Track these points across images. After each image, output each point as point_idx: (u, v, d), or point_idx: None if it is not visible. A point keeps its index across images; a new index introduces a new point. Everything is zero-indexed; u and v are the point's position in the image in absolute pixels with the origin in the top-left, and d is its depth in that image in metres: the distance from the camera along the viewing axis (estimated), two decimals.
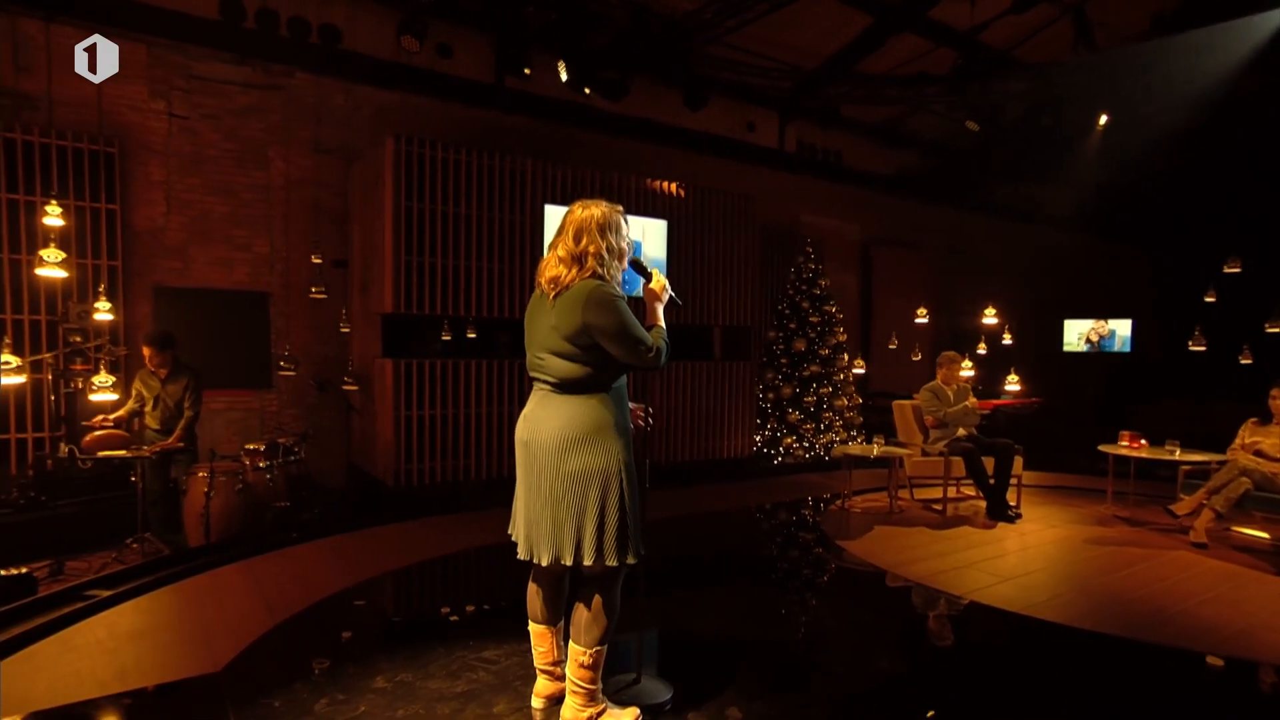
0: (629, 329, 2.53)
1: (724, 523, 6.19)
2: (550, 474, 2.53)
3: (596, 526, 2.52)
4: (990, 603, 4.11)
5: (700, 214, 7.97)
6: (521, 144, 7.64)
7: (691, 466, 7.87)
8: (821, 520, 6.12)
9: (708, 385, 8.08)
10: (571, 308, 2.52)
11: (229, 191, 6.75)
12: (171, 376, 5.24)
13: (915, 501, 6.72)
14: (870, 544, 5.34)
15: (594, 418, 2.53)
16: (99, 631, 3.46)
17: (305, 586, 4.13)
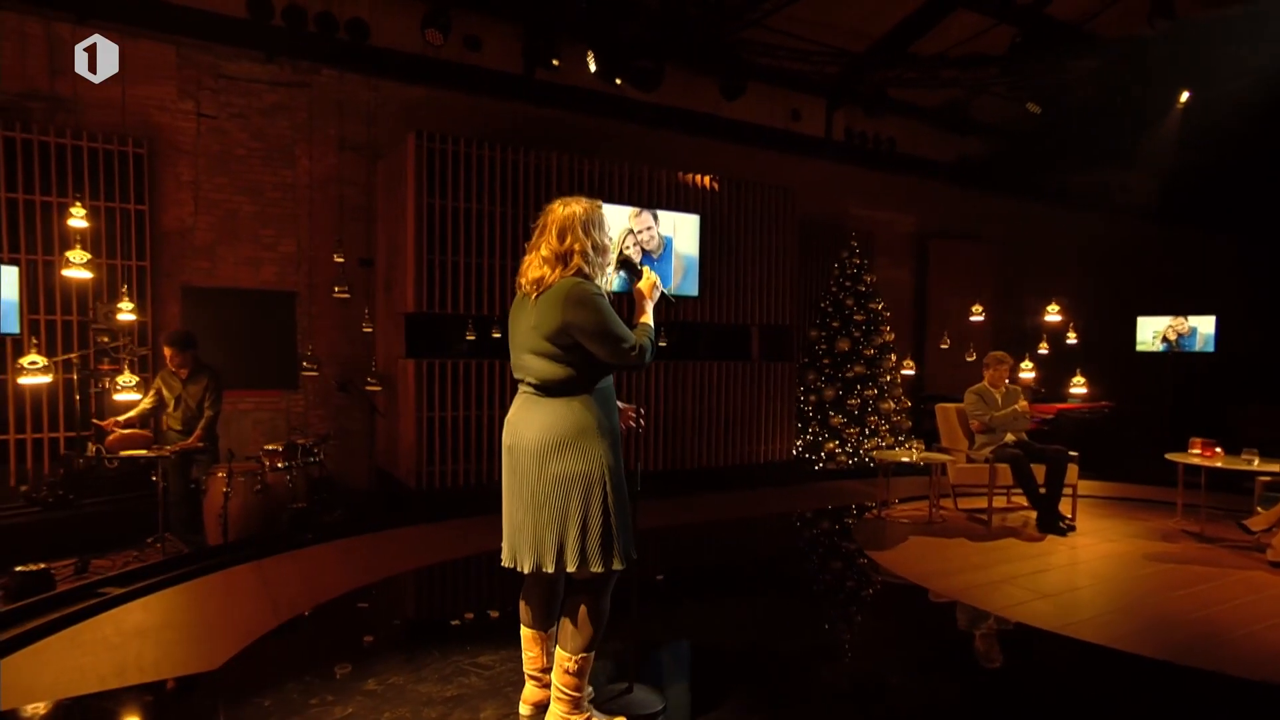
0: (610, 327, 2.55)
1: (749, 530, 6.20)
2: (533, 479, 2.57)
3: (579, 532, 2.55)
4: (1021, 619, 4.02)
5: (735, 208, 7.96)
6: (551, 138, 7.75)
7: (726, 471, 7.87)
8: (854, 529, 6.07)
9: (745, 387, 8.07)
10: (552, 306, 2.56)
11: (256, 191, 7.02)
12: (192, 377, 5.49)
13: (959, 511, 6.60)
14: (902, 555, 5.27)
15: (576, 421, 2.56)
16: (107, 628, 3.66)
17: (313, 588, 4.29)
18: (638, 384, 7.39)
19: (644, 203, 7.33)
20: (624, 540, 2.63)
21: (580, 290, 2.56)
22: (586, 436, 2.56)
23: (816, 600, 4.44)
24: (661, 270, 7.32)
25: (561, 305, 2.53)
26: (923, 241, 11.50)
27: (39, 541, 5.00)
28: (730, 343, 8.26)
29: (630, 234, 7.15)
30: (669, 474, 7.54)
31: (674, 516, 6.47)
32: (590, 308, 2.54)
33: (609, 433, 2.62)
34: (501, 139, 6.96)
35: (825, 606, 4.32)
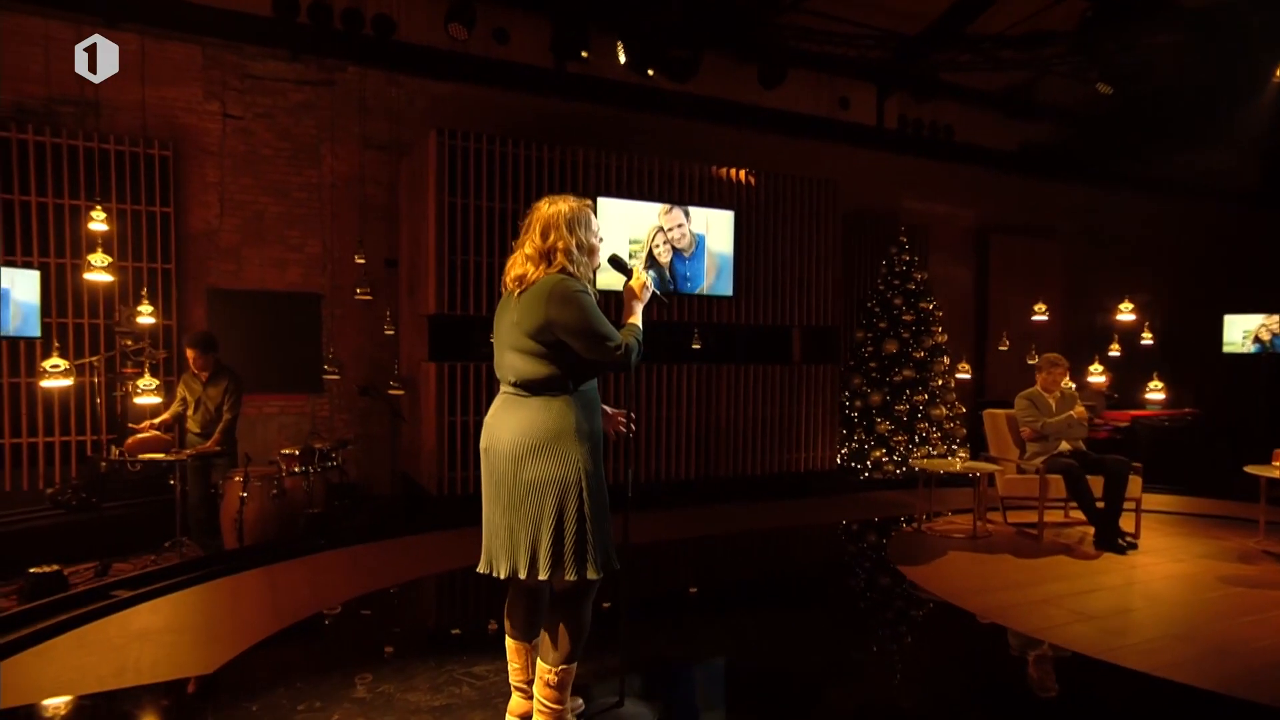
0: (594, 325, 2.60)
1: (777, 541, 6.20)
2: (508, 482, 2.63)
3: (553, 539, 2.59)
4: (1057, 641, 3.94)
5: (774, 202, 7.94)
6: (581, 132, 7.85)
7: (763, 480, 7.86)
8: (889, 542, 6.02)
9: (784, 391, 8.04)
10: (534, 303, 2.62)
11: (282, 191, 7.28)
12: (212, 379, 5.73)
13: (1008, 526, 6.46)
14: (937, 570, 5.20)
15: (554, 423, 2.61)
16: (114, 630, 3.86)
17: (319, 594, 4.44)
18: (670, 387, 7.43)
19: (675, 199, 7.37)
20: (601, 549, 2.66)
21: (564, 287, 2.61)
22: (563, 440, 2.60)
23: (835, 617, 4.41)
24: (694, 269, 7.36)
25: (545, 302, 2.59)
26: (983, 236, 11.27)
27: (62, 544, 5.28)
28: (769, 345, 8.24)
29: (660, 232, 7.20)
30: (701, 482, 7.56)
31: (701, 526, 6.50)
32: (574, 305, 2.59)
33: (588, 437, 2.66)
34: (529, 135, 7.08)
35: (843, 623, 4.29)
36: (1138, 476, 6.00)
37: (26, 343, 5.89)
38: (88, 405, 6.21)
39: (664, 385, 7.44)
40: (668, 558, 5.86)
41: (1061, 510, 6.73)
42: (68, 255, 6.32)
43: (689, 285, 7.36)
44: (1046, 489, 6.02)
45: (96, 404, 5.83)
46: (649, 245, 7.15)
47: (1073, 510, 6.78)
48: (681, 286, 7.32)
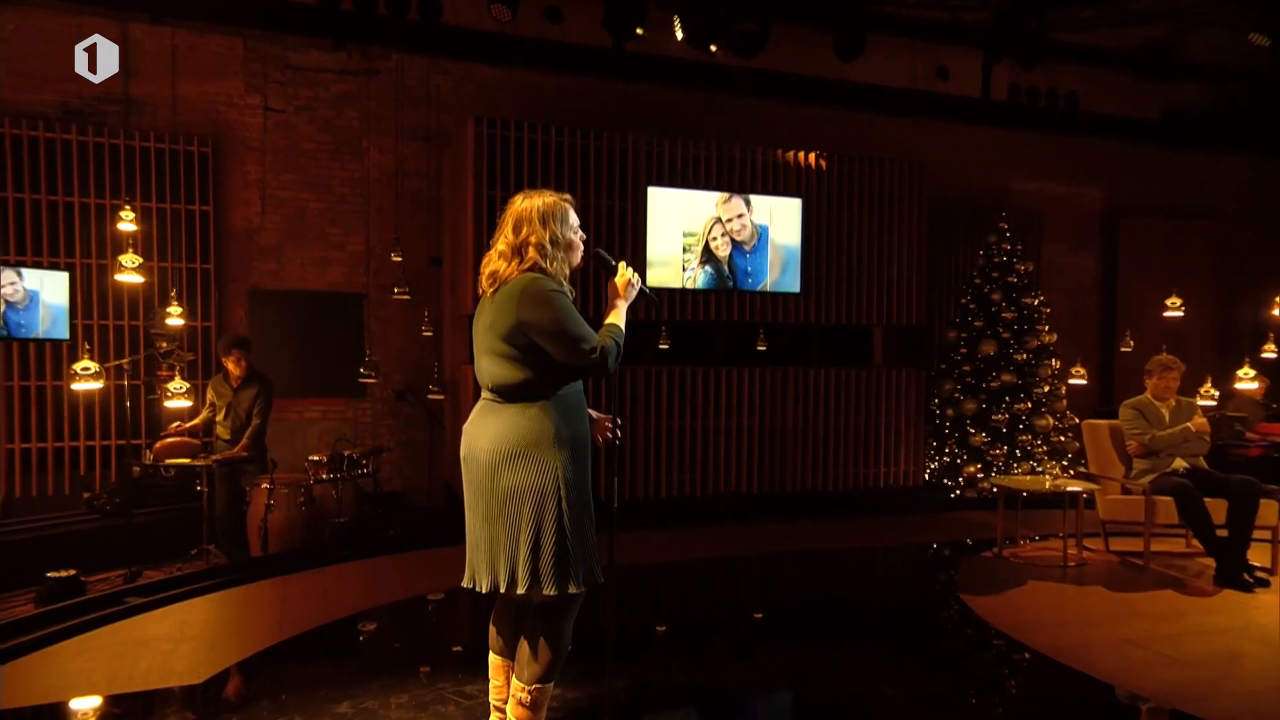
0: (566, 325, 2.69)
1: (836, 564, 6.20)
2: (486, 492, 2.74)
3: (531, 550, 2.69)
4: (1131, 688, 3.79)
5: (849, 188, 7.85)
6: (634, 117, 7.94)
7: (835, 496, 7.78)
8: (961, 568, 5.90)
9: (862, 397, 7.93)
10: (506, 304, 2.72)
11: (324, 187, 7.67)
12: (244, 384, 6.10)
13: (1109, 555, 6.19)
14: (1008, 602, 5.07)
15: (531, 430, 2.70)
16: (118, 636, 4.20)
17: (328, 605, 4.70)
18: (731, 392, 7.45)
19: (735, 187, 7.38)
20: (582, 562, 2.75)
21: (535, 285, 2.71)
22: (541, 447, 2.69)
23: (875, 650, 4.35)
24: (755, 263, 7.35)
25: (516, 302, 2.69)
26: (1112, 218, 10.77)
27: (94, 549, 5.72)
28: (845, 346, 8.14)
29: (718, 223, 7.23)
30: (767, 497, 7.55)
31: (757, 545, 6.52)
32: (546, 304, 2.68)
33: (569, 444, 2.74)
34: (578, 121, 7.23)
35: (881, 657, 4.24)
36: (1273, 501, 5.65)
37: (56, 345, 6.41)
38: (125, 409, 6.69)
39: (725, 390, 7.46)
40: (706, 577, 5.92)
41: (1182, 539, 6.40)
42: (109, 255, 6.82)
43: (750, 282, 7.36)
44: (1154, 512, 5.75)
45: (125, 408, 6.27)
46: (705, 238, 7.19)
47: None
48: (741, 283, 7.33)
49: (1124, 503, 5.99)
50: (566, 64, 7.92)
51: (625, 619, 4.99)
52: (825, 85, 8.61)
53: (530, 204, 2.87)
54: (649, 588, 5.65)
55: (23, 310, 5.12)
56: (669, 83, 8.19)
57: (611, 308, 3.00)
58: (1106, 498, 6.09)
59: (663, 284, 7.12)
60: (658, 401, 7.26)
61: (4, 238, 6.59)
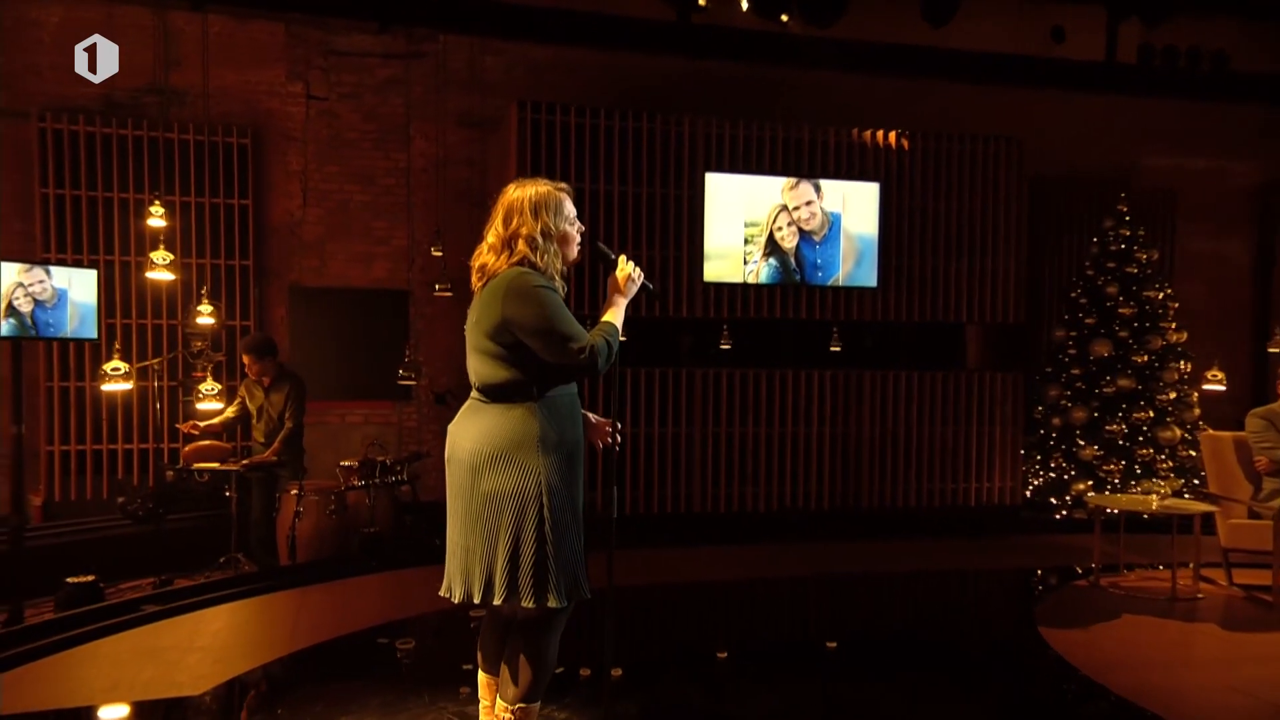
0: (553, 323, 2.74)
1: (901, 589, 6.13)
2: (466, 495, 2.82)
3: (509, 559, 2.75)
4: None
5: (934, 170, 7.71)
6: (696, 96, 7.94)
7: (917, 514, 7.65)
8: (1048, 597, 5.75)
9: (951, 404, 7.77)
10: (492, 299, 2.80)
11: (368, 178, 7.93)
12: (274, 385, 6.35)
13: (1232, 587, 5.87)
14: (1092, 637, 4.91)
15: (515, 431, 2.77)
16: (126, 644, 4.44)
17: (344, 618, 4.88)
18: (799, 397, 7.39)
19: (803, 171, 7.33)
20: (564, 574, 2.79)
21: (521, 281, 2.78)
22: (524, 450, 2.76)
23: (920, 682, 4.27)
24: (826, 255, 7.27)
25: (501, 298, 2.77)
26: (1268, 197, 10.20)
27: (123, 557, 6.05)
28: (930, 346, 8.00)
29: (784, 211, 7.18)
30: (836, 514, 7.48)
31: (822, 564, 6.46)
32: (531, 301, 2.75)
33: (555, 448, 2.80)
34: (635, 103, 7.31)
35: (924, 690, 4.15)
36: None
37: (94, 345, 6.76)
38: (159, 410, 7.05)
39: (792, 395, 7.41)
40: (756, 599, 5.92)
41: None
42: (134, 252, 7.18)
43: (819, 275, 7.29)
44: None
45: (155, 410, 6.62)
46: (769, 228, 7.15)
47: None
48: (810, 277, 7.27)
49: (1250, 528, 5.71)
50: (625, 40, 7.98)
51: (657, 640, 5.03)
52: (912, 54, 8.42)
53: (522, 193, 2.94)
54: (693, 607, 5.67)
55: (51, 309, 5.43)
56: (734, 58, 8.16)
57: (609, 304, 3.05)
58: (1229, 521, 5.81)
59: (722, 279, 7.12)
60: (717, 406, 7.25)
61: (47, 235, 7.02)
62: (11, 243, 7.19)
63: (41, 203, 7.01)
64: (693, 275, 7.13)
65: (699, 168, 7.14)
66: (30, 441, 6.99)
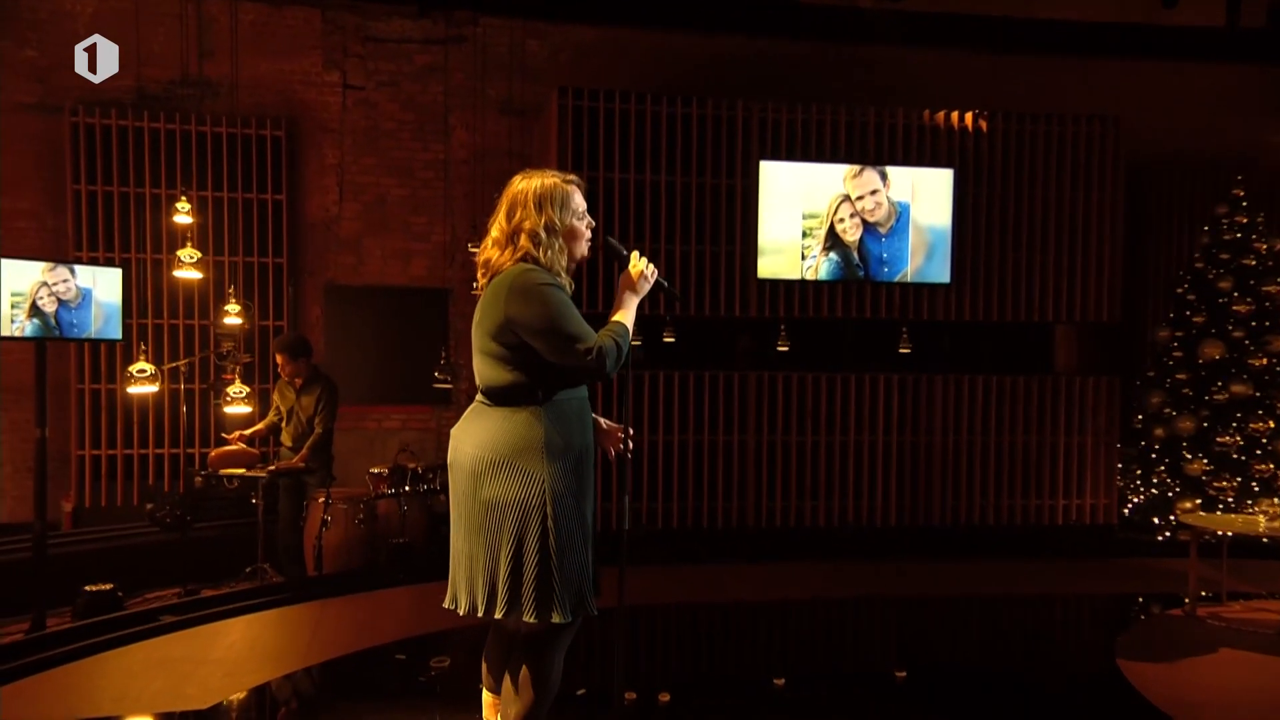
0: (559, 322, 2.81)
1: (964, 613, 6.12)
2: (468, 502, 2.90)
3: (511, 570, 2.81)
4: None
5: (1015, 153, 7.59)
6: (751, 79, 7.99)
7: (995, 534, 7.54)
8: (1134, 628, 5.64)
9: (1035, 412, 7.64)
10: (494, 298, 2.88)
11: (406, 171, 8.15)
12: (305, 388, 6.57)
13: None
14: (1177, 673, 4.82)
15: (519, 437, 2.84)
16: (140, 655, 4.67)
17: (364, 632, 5.06)
18: (862, 402, 7.35)
19: (868, 158, 7.29)
20: (571, 587, 2.85)
21: (526, 278, 2.85)
22: (528, 456, 2.83)
23: None
24: (893, 249, 7.23)
25: (504, 296, 2.84)
26: None
27: (152, 564, 6.33)
28: (1014, 348, 7.88)
29: (846, 201, 7.15)
30: (903, 531, 7.44)
31: (878, 586, 6.46)
32: (535, 299, 2.82)
33: (562, 454, 2.87)
34: (686, 87, 7.36)
35: None
36: None
37: (122, 346, 7.09)
38: (189, 414, 7.36)
39: (855, 400, 7.37)
40: (805, 622, 5.94)
41: None
42: (166, 250, 7.48)
43: (886, 271, 7.24)
44: None
45: (182, 414, 6.90)
46: (829, 220, 7.13)
47: None
48: (875, 273, 7.23)
49: None
50: (678, 18, 8.08)
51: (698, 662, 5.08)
52: (995, 25, 8.36)
53: (527, 185, 3.02)
54: (742, 628, 5.72)
55: (76, 309, 5.72)
56: (796, 35, 8.21)
57: (619, 304, 3.10)
58: None
59: (778, 275, 7.12)
60: (773, 413, 7.26)
61: (79, 232, 7.39)
62: (45, 240, 7.61)
63: (74, 199, 7.38)
64: (746, 272, 7.16)
65: (753, 155, 7.15)
66: (61, 446, 7.40)
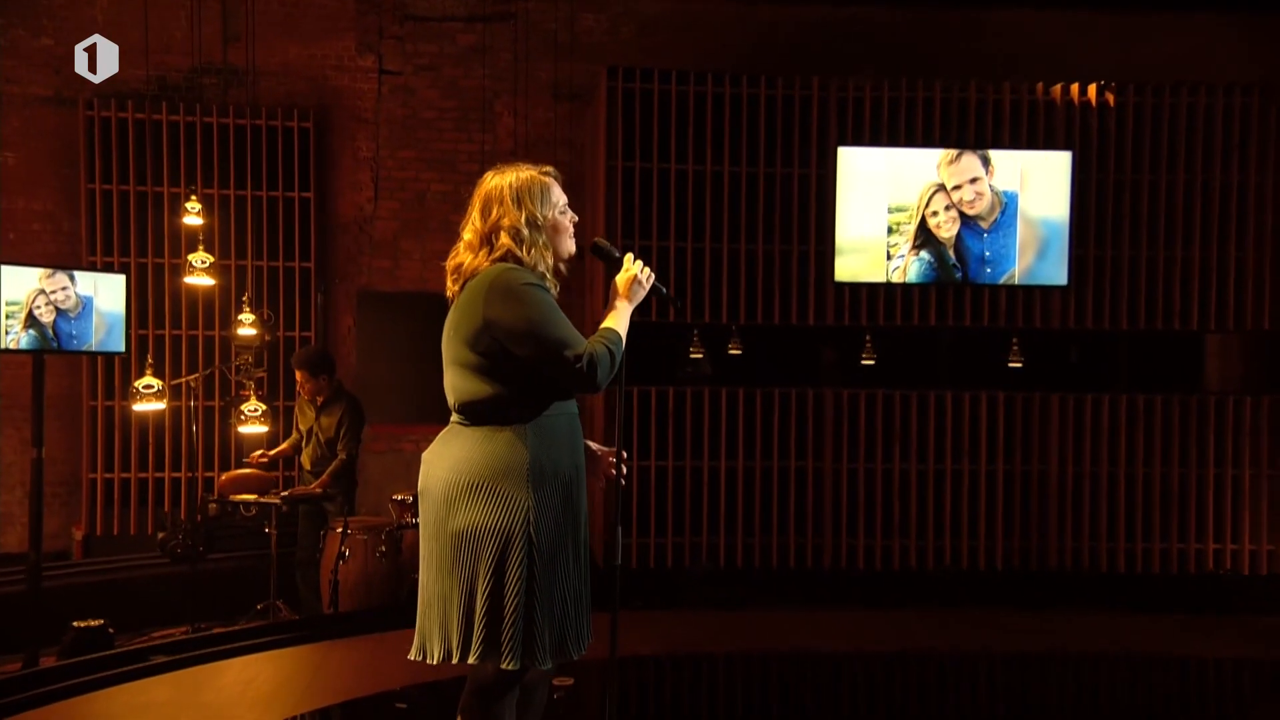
0: (544, 327, 2.89)
1: (1070, 674, 6.04)
2: (440, 533, 2.97)
3: (489, 609, 2.86)
4: None
5: (1149, 132, 7.43)
6: (831, 52, 8.01)
7: (1126, 581, 7.38)
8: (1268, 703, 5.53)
9: (1177, 438, 7.43)
10: (471, 301, 2.97)
11: (448, 164, 8.39)
12: (326, 407, 6.82)
13: None
14: None
15: (500, 459, 2.91)
16: (123, 699, 4.89)
17: (366, 677, 5.23)
18: (964, 425, 7.27)
19: (967, 141, 7.24)
20: (534, 629, 2.89)
21: (505, 278, 2.95)
22: (509, 480, 2.90)
23: None
24: (997, 245, 7.15)
25: (483, 298, 2.93)
26: None
27: (159, 598, 6.66)
28: (1151, 362, 7.70)
29: (940, 192, 7.10)
30: (1014, 576, 7.33)
31: (976, 639, 6.37)
32: (517, 299, 2.90)
33: (549, 479, 2.94)
34: (755, 64, 7.46)
35: None
36: None
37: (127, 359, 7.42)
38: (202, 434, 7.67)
39: (952, 422, 7.29)
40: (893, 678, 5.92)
41: None
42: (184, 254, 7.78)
43: (989, 272, 7.16)
44: None
45: (194, 432, 7.20)
46: (920, 213, 7.09)
47: None
48: (976, 274, 7.15)
49: None
50: None
51: None
52: None
53: (501, 180, 3.13)
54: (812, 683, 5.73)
55: (75, 319, 6.05)
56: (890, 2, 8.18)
57: (609, 309, 3.16)
58: None
59: (859, 278, 7.11)
60: (853, 435, 7.25)
61: (93, 235, 7.79)
62: (60, 244, 8.07)
63: (87, 199, 7.80)
64: (821, 274, 7.16)
65: (830, 140, 7.16)
66: (73, 468, 7.83)
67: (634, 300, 3.19)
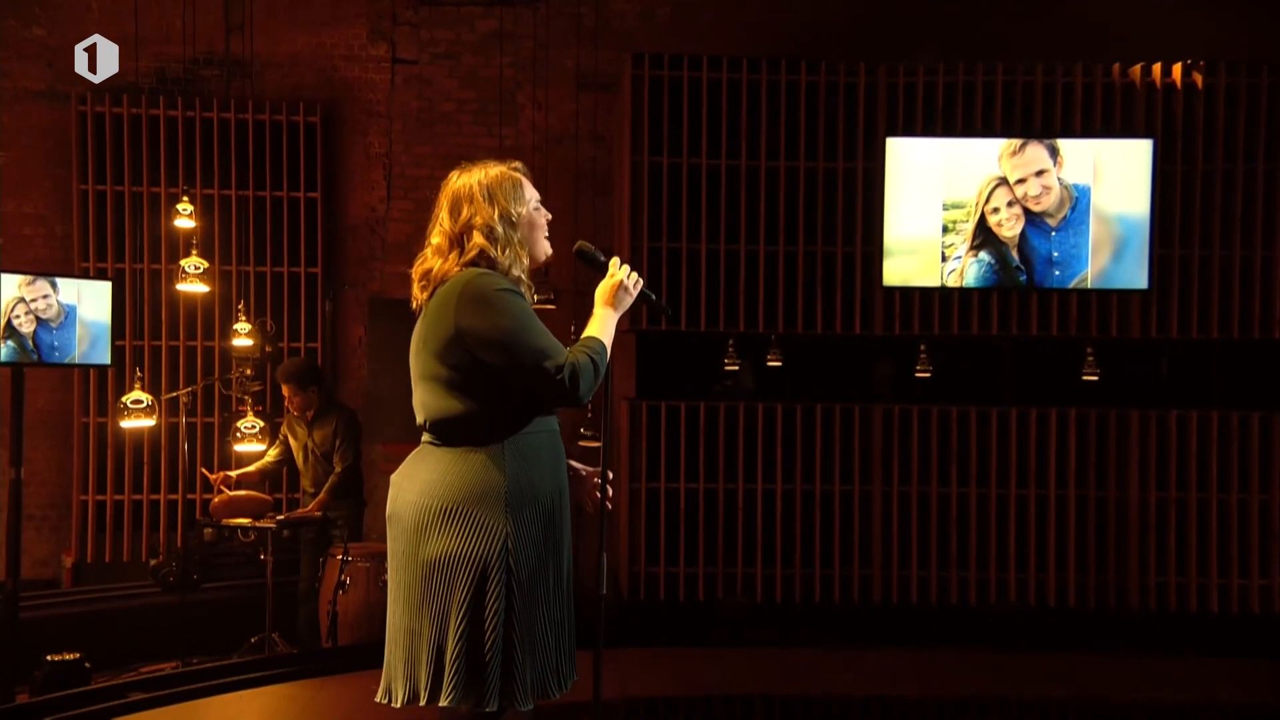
0: (522, 335, 2.93)
1: None
2: (410, 562, 3.00)
3: (464, 644, 2.88)
4: None
5: (1243, 117, 7.31)
6: (882, 33, 7.98)
7: (1220, 622, 7.25)
8: None
9: (1272, 459, 7.28)
10: (441, 310, 3.03)
11: (465, 159, 8.44)
12: (318, 420, 6.90)
13: None
14: None
15: (475, 481, 2.95)
16: None
17: (357, 718, 5.26)
18: (1030, 447, 7.20)
19: (1032, 129, 7.19)
20: (513, 668, 2.93)
21: (478, 283, 3.00)
22: (485, 504, 2.93)
23: None
24: (1067, 245, 7.07)
25: (454, 306, 2.98)
26: None
27: (148, 630, 6.78)
28: (1249, 375, 7.56)
29: (1003, 186, 7.05)
30: (1086, 613, 7.25)
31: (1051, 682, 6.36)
32: (491, 306, 2.95)
33: (529, 503, 2.99)
34: (798, 48, 7.48)
35: None
36: None
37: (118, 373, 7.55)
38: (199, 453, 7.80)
39: (1017, 442, 7.22)
40: None
41: None
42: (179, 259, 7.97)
43: (1058, 275, 7.08)
44: None
45: (184, 451, 7.31)
46: (980, 210, 7.04)
47: None
48: (1043, 277, 7.08)
49: None
50: None
51: None
52: None
53: (469, 179, 3.19)
54: None
55: (57, 329, 6.20)
56: None
57: (596, 315, 3.21)
58: None
59: (910, 282, 7.07)
60: (905, 456, 7.20)
61: (85, 239, 7.93)
62: (54, 249, 8.27)
63: (80, 200, 7.96)
64: (868, 277, 7.13)
65: (878, 130, 7.13)
66: (64, 490, 8.01)
67: (620, 308, 3.23)
